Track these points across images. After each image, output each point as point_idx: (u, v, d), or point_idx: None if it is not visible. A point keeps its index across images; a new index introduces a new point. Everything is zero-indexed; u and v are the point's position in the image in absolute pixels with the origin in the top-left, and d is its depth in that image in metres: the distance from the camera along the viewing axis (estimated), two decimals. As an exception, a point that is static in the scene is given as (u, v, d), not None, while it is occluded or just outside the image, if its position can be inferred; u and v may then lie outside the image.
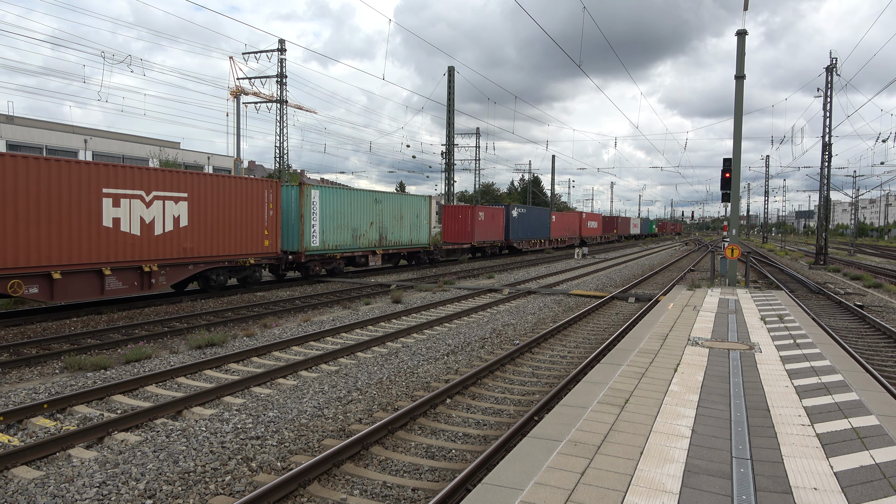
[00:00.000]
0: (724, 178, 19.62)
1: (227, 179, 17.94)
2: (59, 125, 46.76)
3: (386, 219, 26.19)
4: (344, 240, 23.49)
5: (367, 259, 25.29)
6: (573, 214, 60.37)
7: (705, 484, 4.31)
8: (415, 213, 28.50)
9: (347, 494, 5.45)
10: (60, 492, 5.27)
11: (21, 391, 8.29)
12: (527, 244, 44.12)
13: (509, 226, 40.60)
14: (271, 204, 19.34)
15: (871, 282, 24.61)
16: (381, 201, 25.84)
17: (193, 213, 16.60)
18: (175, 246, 16.04)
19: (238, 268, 18.63)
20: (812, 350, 9.03)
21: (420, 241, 29.08)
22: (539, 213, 47.45)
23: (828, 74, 34.17)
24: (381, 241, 25.86)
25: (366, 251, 24.95)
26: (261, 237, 18.96)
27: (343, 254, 23.56)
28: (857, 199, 67.24)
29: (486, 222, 37.50)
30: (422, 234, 29.21)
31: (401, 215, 27.31)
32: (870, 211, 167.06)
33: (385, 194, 26.54)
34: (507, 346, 11.83)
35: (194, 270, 16.86)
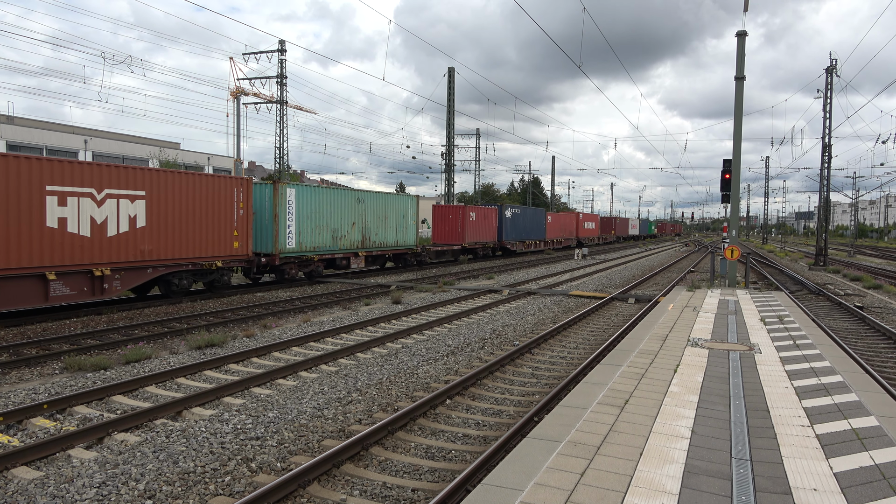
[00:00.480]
0: (724, 179, 19.64)
1: (191, 176, 16.81)
2: (59, 125, 46.80)
3: (369, 219, 25.16)
4: (323, 241, 22.43)
5: (349, 261, 24.14)
6: (570, 215, 59.43)
7: (705, 485, 4.32)
8: (401, 213, 27.53)
9: (347, 495, 5.45)
10: (60, 492, 5.27)
11: (21, 391, 8.29)
12: (521, 245, 43.34)
13: (502, 226, 39.76)
14: (241, 203, 18.22)
15: (871, 283, 24.62)
16: (364, 201, 24.83)
17: (152, 213, 15.54)
18: (131, 248, 15.00)
19: (204, 271, 17.51)
20: (812, 351, 9.04)
21: (407, 243, 28.07)
22: (534, 214, 46.69)
23: (828, 76, 34.20)
24: (365, 243, 24.87)
25: (347, 253, 23.88)
26: (230, 238, 17.85)
27: (322, 256, 22.48)
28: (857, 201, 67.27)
29: (478, 223, 36.63)
30: (408, 236, 28.16)
31: (385, 215, 26.30)
32: (870, 212, 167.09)
33: (368, 193, 25.53)
34: (507, 347, 11.83)
35: (154, 274, 15.80)
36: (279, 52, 38.59)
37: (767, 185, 78.67)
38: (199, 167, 50.41)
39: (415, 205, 28.94)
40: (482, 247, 37.55)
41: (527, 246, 44.59)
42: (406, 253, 28.49)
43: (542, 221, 47.74)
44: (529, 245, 45.05)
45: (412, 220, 28.42)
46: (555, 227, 51.24)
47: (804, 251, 58.08)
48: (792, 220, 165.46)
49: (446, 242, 34.83)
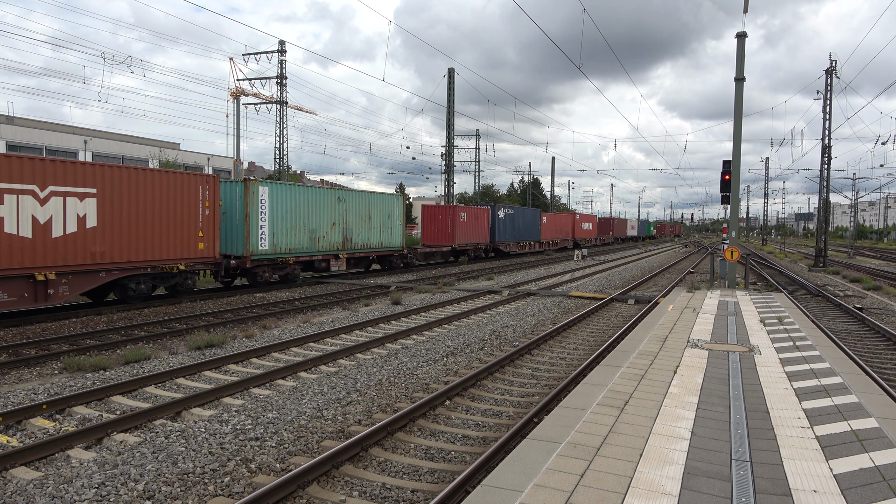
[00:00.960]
0: (724, 181, 19.65)
1: (149, 173, 15.70)
2: (59, 126, 46.83)
3: (351, 219, 24.01)
4: (300, 242, 21.22)
5: (329, 264, 22.92)
6: (566, 215, 58.38)
7: (705, 486, 4.31)
8: (385, 213, 26.39)
9: (346, 496, 5.45)
10: (59, 492, 5.26)
11: (20, 392, 8.28)
12: (514, 247, 42.21)
13: (495, 227, 38.68)
14: (208, 202, 17.09)
15: (871, 284, 24.63)
16: (345, 200, 23.71)
17: (105, 212, 14.38)
18: (80, 250, 13.84)
19: (165, 275, 16.37)
20: (811, 352, 9.03)
21: (392, 244, 26.97)
22: (528, 214, 45.58)
23: (827, 77, 34.22)
24: (346, 244, 23.71)
25: (327, 255, 22.64)
26: (194, 239, 16.76)
27: (299, 258, 21.29)
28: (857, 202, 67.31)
29: (469, 223, 35.42)
30: (394, 236, 27.03)
31: (369, 215, 25.19)
32: (869, 213, 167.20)
33: (350, 192, 24.64)
34: (507, 348, 11.83)
35: (107, 278, 14.64)
36: (279, 52, 38.59)
37: (767, 186, 78.74)
38: (199, 167, 50.42)
39: (400, 205, 27.83)
40: (473, 248, 36.41)
41: (521, 247, 43.56)
42: (391, 255, 27.40)
43: (537, 222, 46.77)
44: (524, 246, 44.08)
45: (398, 221, 27.36)
46: (550, 228, 50.29)
47: (804, 252, 58.10)
48: (791, 222, 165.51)
49: (436, 244, 33.75)
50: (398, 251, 27.47)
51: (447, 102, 42.74)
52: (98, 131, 50.51)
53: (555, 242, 51.48)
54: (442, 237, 33.87)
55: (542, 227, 47.44)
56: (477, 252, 37.08)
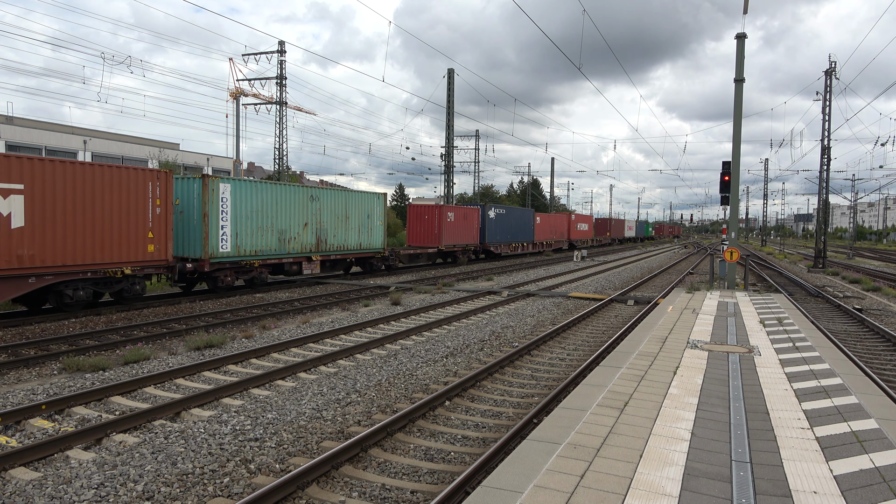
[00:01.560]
0: (724, 181, 19.66)
1: (88, 168, 14.31)
2: (59, 126, 46.80)
3: (326, 219, 22.51)
4: (267, 244, 19.76)
5: (301, 267, 21.41)
6: (561, 216, 56.76)
7: (705, 487, 4.31)
8: (364, 212, 24.92)
9: (346, 496, 5.44)
10: (58, 493, 5.25)
11: (19, 392, 8.27)
12: (506, 248, 40.72)
13: (485, 228, 37.30)
14: (159, 199, 15.65)
15: (870, 285, 24.64)
16: (319, 199, 22.18)
17: (34, 211, 13.00)
18: (3, 253, 12.55)
19: (107, 280, 14.87)
20: (811, 353, 9.03)
21: (372, 245, 25.46)
22: (521, 215, 44.12)
23: (827, 78, 34.25)
24: (320, 246, 22.18)
25: (298, 257, 21.11)
26: (142, 241, 15.32)
27: (266, 261, 19.85)
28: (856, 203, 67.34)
29: (457, 224, 33.80)
30: (374, 237, 25.54)
31: (346, 215, 23.67)
32: (868, 214, 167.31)
33: (324, 190, 23.04)
34: (507, 349, 11.82)
35: (38, 284, 13.21)
36: (279, 52, 38.59)
37: (766, 187, 78.84)
38: (199, 168, 50.42)
39: (381, 204, 26.33)
40: (462, 250, 34.81)
41: (513, 249, 42.09)
42: (372, 256, 25.90)
43: (531, 223, 45.32)
44: (516, 248, 42.60)
45: (378, 221, 25.90)
46: (544, 229, 48.88)
47: (803, 253, 58.13)
48: (791, 223, 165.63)
49: (421, 245, 32.15)
50: (379, 253, 26.03)
51: (447, 103, 42.75)
52: (97, 131, 50.51)
53: (549, 244, 50.18)
54: (428, 238, 32.37)
55: (535, 227, 46.28)
56: (466, 254, 35.70)
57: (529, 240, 44.91)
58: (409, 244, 32.73)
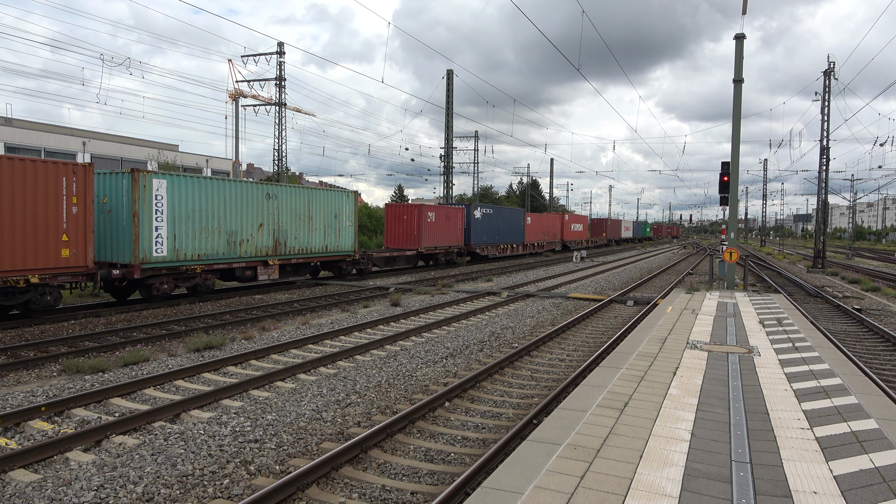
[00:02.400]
0: (723, 182, 19.67)
1: None
2: (58, 127, 46.78)
3: (285, 219, 20.56)
4: (213, 247, 17.79)
5: (256, 272, 19.48)
6: (553, 216, 54.67)
7: (705, 488, 4.31)
8: (331, 212, 22.96)
9: (346, 498, 5.44)
10: (58, 495, 5.25)
11: (19, 394, 8.26)
12: (493, 250, 38.91)
13: (470, 228, 35.46)
14: (75, 197, 13.81)
15: (869, 285, 24.65)
16: (277, 197, 20.24)
17: None
18: None
19: (7, 290, 12.92)
20: (811, 353, 9.04)
21: (341, 248, 23.57)
22: (510, 215, 42.25)
23: (826, 78, 34.28)
24: (278, 249, 20.25)
25: (252, 261, 19.27)
26: (54, 244, 13.46)
27: (212, 265, 17.89)
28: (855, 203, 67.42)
29: (439, 224, 31.90)
30: (343, 239, 23.68)
31: (309, 215, 21.73)
32: (867, 214, 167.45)
33: (283, 188, 20.97)
34: (506, 350, 11.82)
35: None
36: (278, 54, 38.59)
37: (766, 187, 78.90)
38: (198, 169, 50.41)
39: (351, 202, 24.28)
40: (444, 252, 32.84)
41: (501, 250, 40.15)
42: (341, 260, 24.05)
43: (520, 223, 43.38)
44: (504, 249, 40.65)
45: (348, 221, 24.07)
46: (535, 230, 46.93)
47: (802, 253, 58.17)
48: (790, 223, 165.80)
49: (399, 247, 30.48)
50: (349, 256, 24.16)
51: (446, 104, 42.76)
52: (97, 133, 50.48)
53: (540, 245, 48.23)
54: (406, 239, 30.64)
55: (525, 228, 44.39)
56: (448, 256, 33.58)
57: (519, 241, 43.26)
58: (388, 246, 31.25)
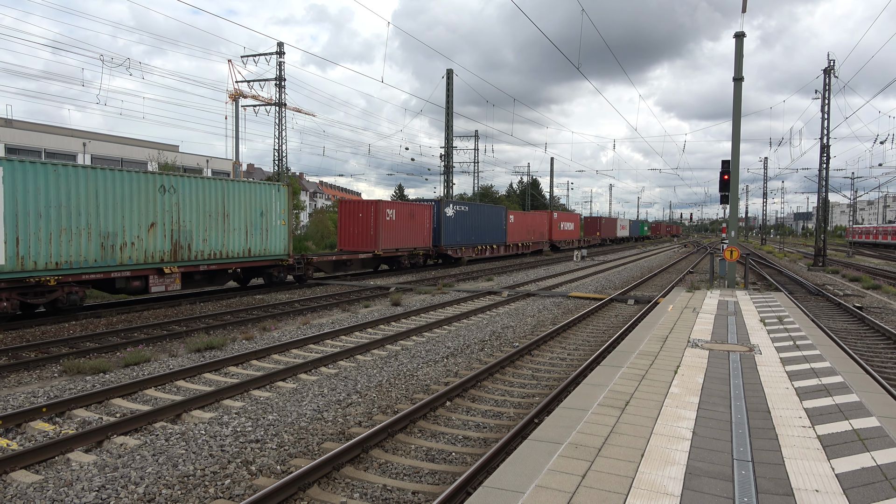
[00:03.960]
0: (723, 180, 19.66)
1: None
2: (58, 128, 46.81)
3: (189, 217, 17.06)
4: (80, 253, 14.34)
5: (147, 282, 15.92)
6: (540, 214, 51.27)
7: (707, 486, 4.30)
8: (255, 209, 19.41)
9: (347, 498, 5.43)
10: (59, 496, 5.25)
11: (20, 395, 8.26)
12: (469, 251, 35.46)
13: (441, 228, 32.12)
14: None
15: (870, 283, 24.64)
16: (177, 190, 16.68)
17: None
18: None
19: None
20: (812, 352, 9.03)
21: (270, 251, 20.01)
22: (490, 213, 39.06)
23: (826, 76, 34.25)
24: (179, 253, 16.70)
25: (140, 270, 15.67)
26: None
27: (79, 276, 14.36)
28: (856, 201, 67.38)
29: (400, 223, 28.79)
30: (272, 241, 20.05)
31: (224, 212, 18.20)
32: (868, 212, 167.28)
33: (187, 179, 17.21)
34: (507, 349, 11.82)
35: None
36: (277, 54, 38.58)
37: (766, 185, 78.81)
38: (199, 170, 50.41)
39: (283, 197, 20.67)
40: (408, 254, 29.63)
41: (479, 251, 36.73)
42: (271, 266, 20.59)
43: (502, 221, 40.26)
44: (483, 250, 37.30)
45: (279, 220, 20.42)
46: (520, 229, 43.68)
47: (803, 252, 58.14)
48: (790, 221, 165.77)
49: (354, 248, 27.30)
50: (281, 261, 20.60)
51: (446, 103, 42.76)
52: (97, 134, 50.49)
53: (526, 245, 44.90)
54: (362, 240, 27.48)
55: (508, 227, 41.19)
56: (414, 259, 30.37)
57: (500, 241, 40.09)
58: (341, 248, 27.91)
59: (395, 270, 29.81)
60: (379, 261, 28.36)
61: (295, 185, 49.85)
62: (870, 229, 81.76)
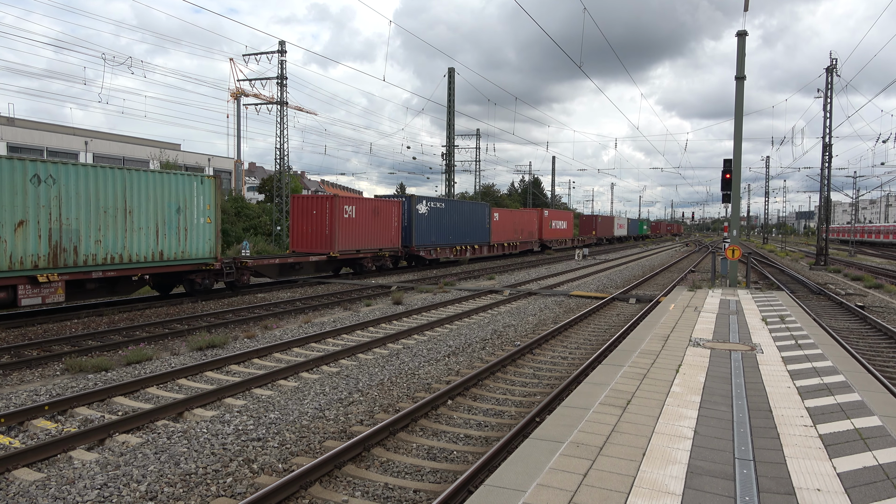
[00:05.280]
0: (725, 179, 19.63)
1: None
2: (60, 127, 46.87)
3: (76, 214, 13.95)
4: None
5: (15, 293, 12.94)
6: (529, 212, 48.20)
7: (708, 485, 4.30)
8: (169, 203, 16.17)
9: (349, 496, 5.44)
10: (62, 494, 5.26)
11: (22, 393, 8.28)
12: (446, 252, 32.34)
13: (412, 226, 29.24)
14: None
15: (872, 282, 24.60)
16: (58, 180, 13.57)
17: None
18: None
19: None
20: (814, 351, 9.02)
21: (191, 254, 16.82)
22: (471, 210, 35.86)
23: (828, 75, 34.18)
24: (60, 258, 13.64)
25: (4, 279, 12.68)
26: None
27: None
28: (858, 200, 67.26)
29: (362, 221, 25.63)
30: (194, 242, 16.87)
31: (126, 207, 15.04)
32: (870, 211, 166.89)
33: (72, 167, 14.02)
34: (508, 348, 11.82)
35: None
36: (279, 53, 38.58)
37: (768, 184, 78.67)
38: (200, 168, 50.45)
39: (208, 190, 17.27)
40: (372, 256, 26.35)
41: (457, 252, 33.59)
42: (192, 271, 17.26)
43: (485, 220, 37.21)
44: (462, 251, 34.12)
45: (203, 217, 17.19)
46: (505, 228, 40.64)
47: (805, 251, 58.07)
48: (792, 220, 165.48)
49: (307, 250, 24.24)
50: (206, 265, 17.37)
51: (447, 102, 42.73)
52: (99, 132, 50.57)
53: (512, 245, 42.11)
54: (316, 241, 24.39)
55: (492, 225, 38.20)
56: (380, 261, 27.17)
57: (483, 241, 37.16)
58: (294, 249, 24.91)
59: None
60: (336, 264, 25.20)
61: (296, 183, 49.80)
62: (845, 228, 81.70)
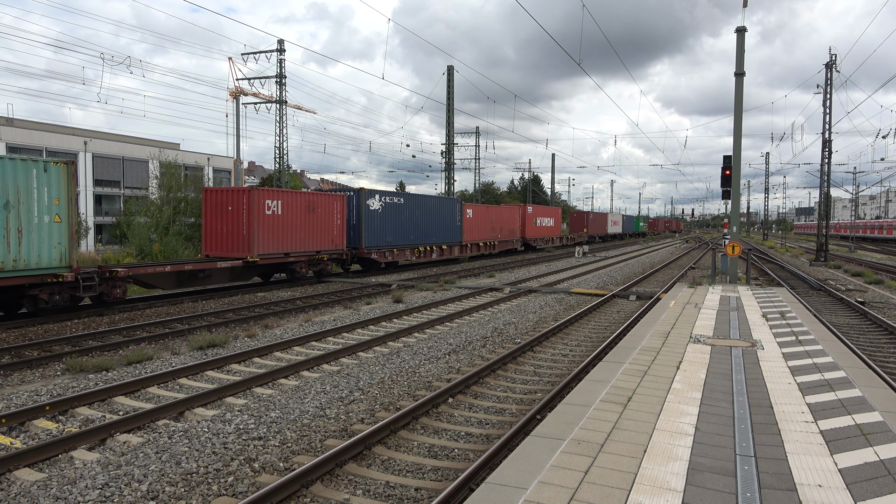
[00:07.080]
0: (725, 176, 19.61)
1: None
2: (60, 127, 46.84)
3: None
4: None
5: None
6: (510, 209, 42.91)
7: (709, 482, 4.30)
8: None
9: (350, 494, 5.44)
10: (63, 494, 5.26)
11: (23, 393, 8.28)
12: (405, 254, 28.24)
13: (361, 225, 25.22)
14: None
15: (872, 278, 24.58)
16: None
17: None
18: None
19: None
20: (814, 347, 9.02)
21: (32, 264, 13.06)
22: (437, 206, 31.63)
23: (827, 71, 34.12)
24: None
25: None
26: None
27: None
28: (858, 196, 67.24)
29: (292, 219, 21.33)
30: (35, 248, 13.08)
31: None
32: (870, 207, 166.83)
33: None
34: (509, 345, 11.82)
35: None
36: (278, 51, 38.52)
37: (767, 180, 78.58)
38: (200, 167, 50.41)
39: (57, 179, 13.43)
40: (307, 260, 22.06)
41: (419, 254, 29.38)
42: (36, 285, 13.43)
43: (455, 217, 33.04)
44: (426, 252, 30.01)
45: (48, 215, 13.33)
46: (480, 226, 36.23)
47: (805, 247, 58.05)
48: (792, 216, 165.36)
49: (221, 253, 20.05)
50: (54, 276, 13.51)
51: (447, 100, 42.68)
52: (98, 132, 50.54)
53: (489, 244, 37.67)
54: (232, 243, 20.00)
55: (464, 223, 33.94)
56: (318, 265, 22.75)
57: (453, 240, 32.93)
58: (206, 253, 20.56)
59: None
60: (257, 270, 20.65)
61: (296, 182, 49.76)
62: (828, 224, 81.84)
